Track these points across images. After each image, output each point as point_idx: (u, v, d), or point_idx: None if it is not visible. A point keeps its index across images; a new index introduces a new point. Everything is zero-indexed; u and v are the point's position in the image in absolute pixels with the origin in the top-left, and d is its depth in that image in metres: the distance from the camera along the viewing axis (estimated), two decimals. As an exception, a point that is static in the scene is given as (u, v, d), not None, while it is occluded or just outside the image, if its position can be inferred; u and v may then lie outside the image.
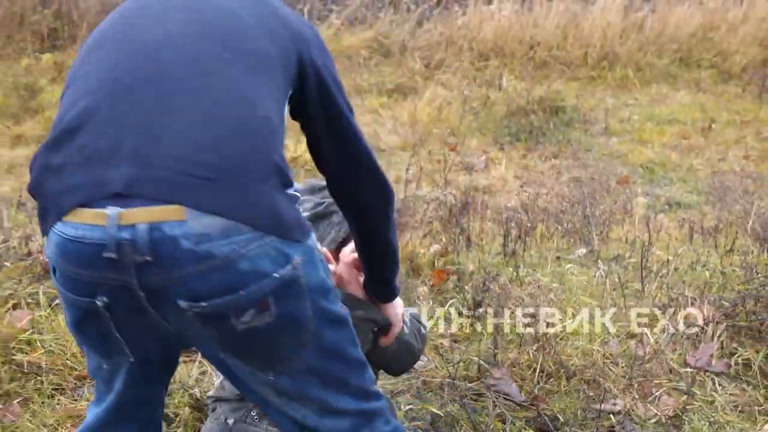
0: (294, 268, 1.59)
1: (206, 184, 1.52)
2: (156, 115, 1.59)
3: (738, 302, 3.43)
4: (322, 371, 1.73)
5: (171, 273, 1.54)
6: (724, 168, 5.88)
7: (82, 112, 1.64)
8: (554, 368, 3.12)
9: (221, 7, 1.80)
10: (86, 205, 1.54)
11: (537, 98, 6.82)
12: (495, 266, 3.88)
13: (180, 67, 1.67)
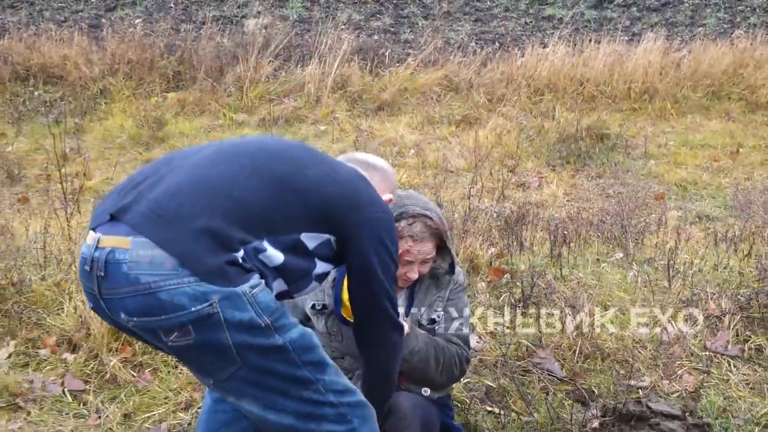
0: (211, 305, 1.66)
1: (161, 222, 1.69)
2: (165, 177, 1.80)
3: (752, 297, 3.45)
4: (254, 381, 1.78)
5: (114, 289, 1.69)
6: (749, 186, 5.81)
7: (136, 172, 1.91)
8: (591, 350, 3.18)
9: (289, 163, 1.94)
10: (92, 229, 1.77)
11: (585, 127, 6.81)
12: (543, 266, 3.93)
13: (205, 159, 1.87)
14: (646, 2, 12.35)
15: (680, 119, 7.50)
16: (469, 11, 11.72)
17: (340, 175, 1.98)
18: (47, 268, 3.64)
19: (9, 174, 5.86)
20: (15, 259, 3.67)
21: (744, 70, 8.15)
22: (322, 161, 2.01)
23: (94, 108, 7.47)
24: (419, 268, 2.41)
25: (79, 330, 3.19)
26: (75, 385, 2.98)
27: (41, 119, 7.10)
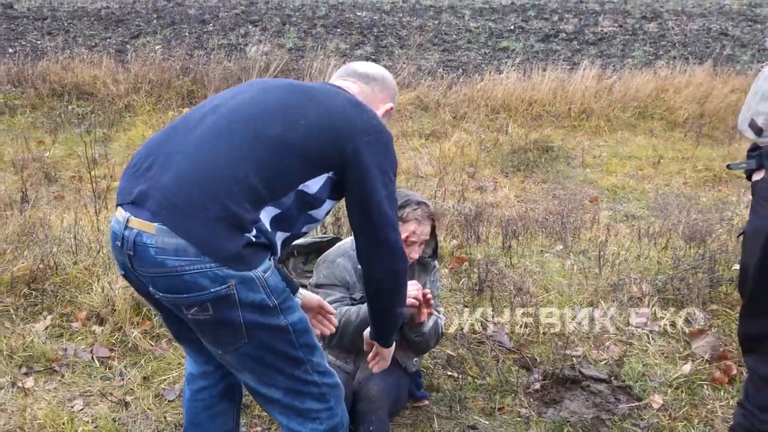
0: (228, 287, 1.63)
1: (176, 211, 1.62)
2: (171, 158, 1.70)
3: (667, 282, 3.49)
4: (257, 357, 1.74)
5: (143, 267, 1.67)
6: (668, 191, 5.86)
7: (143, 148, 1.81)
8: (534, 325, 3.22)
9: (283, 103, 1.80)
10: (120, 205, 1.73)
11: (533, 140, 6.82)
12: (496, 256, 3.94)
13: (203, 137, 1.72)
14: (585, 37, 12.46)
15: (612, 135, 7.55)
16: (438, 43, 11.77)
17: (332, 112, 1.80)
18: (79, 254, 3.62)
19: (47, 175, 5.80)
20: (51, 246, 3.66)
21: (665, 95, 8.20)
22: (313, 103, 1.81)
23: (120, 120, 7.42)
24: (418, 249, 2.43)
25: (105, 306, 3.18)
26: (102, 352, 2.98)
27: (74, 129, 7.05)
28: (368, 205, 1.78)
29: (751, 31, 13.42)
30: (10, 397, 2.70)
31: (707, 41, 12.29)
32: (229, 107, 1.80)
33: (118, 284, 3.22)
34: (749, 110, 1.90)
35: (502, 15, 15.06)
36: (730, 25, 14.24)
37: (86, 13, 14.31)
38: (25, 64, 8.38)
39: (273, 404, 1.81)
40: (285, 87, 1.89)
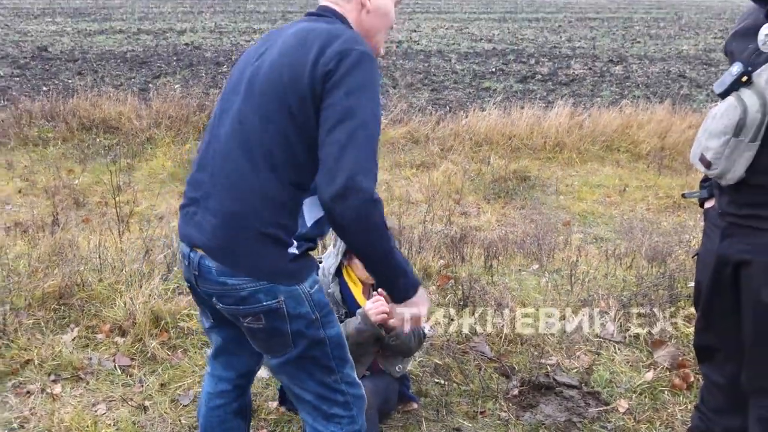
0: (278, 302, 1.65)
1: (225, 253, 1.65)
2: (209, 201, 1.68)
3: (632, 297, 3.50)
4: (297, 364, 1.74)
5: (207, 285, 1.70)
6: (633, 216, 5.89)
7: (187, 186, 1.79)
8: (513, 336, 3.22)
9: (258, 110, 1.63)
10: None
11: (512, 170, 6.84)
12: (478, 274, 3.96)
13: (228, 170, 1.65)
14: (558, 79, 12.57)
15: (583, 166, 7.57)
16: (427, 83, 11.85)
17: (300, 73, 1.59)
18: (103, 272, 3.62)
19: (76, 201, 5.81)
20: (79, 265, 3.66)
21: (629, 130, 8.22)
22: (299, 61, 1.58)
23: (142, 151, 7.43)
24: None
25: (127, 320, 3.18)
26: (123, 361, 2.98)
27: (101, 160, 7.06)
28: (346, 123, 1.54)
29: (706, 73, 13.56)
30: (40, 402, 2.69)
31: (667, 82, 12.41)
32: (233, 126, 1.67)
33: (139, 300, 3.22)
34: (699, 146, 1.93)
35: (485, 59, 15.20)
36: (687, 68, 14.39)
37: (113, 56, 14.40)
38: (57, 101, 8.41)
39: (303, 404, 1.82)
40: (278, 56, 1.65)
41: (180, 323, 3.18)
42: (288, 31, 1.72)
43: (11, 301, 3.31)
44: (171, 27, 21.13)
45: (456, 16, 29.00)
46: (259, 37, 1.83)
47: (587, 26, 25.25)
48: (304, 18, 1.78)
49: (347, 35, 1.62)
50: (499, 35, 20.77)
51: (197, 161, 1.79)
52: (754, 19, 1.90)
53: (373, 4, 1.76)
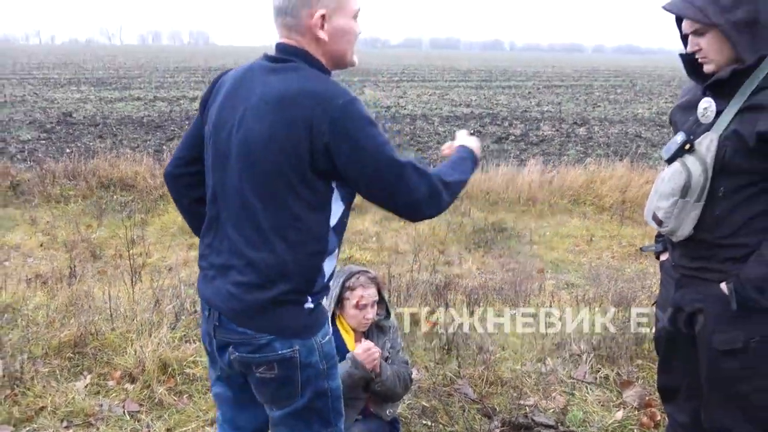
0: (293, 352, 1.58)
1: (243, 317, 1.58)
2: (224, 269, 1.60)
3: (601, 341, 3.45)
4: (299, 414, 1.65)
5: (227, 335, 1.62)
6: (600, 263, 5.89)
7: (206, 226, 1.67)
8: (494, 379, 3.16)
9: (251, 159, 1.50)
10: None
11: (490, 222, 6.87)
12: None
13: (237, 224, 1.56)
14: (530, 139, 12.75)
15: (553, 217, 7.61)
16: (413, 144, 11.99)
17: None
18: (116, 322, 3.55)
19: (93, 254, 5.76)
20: (93, 315, 3.59)
21: (594, 185, 8.31)
22: (292, 142, 1.46)
23: (155, 207, 7.42)
24: (371, 310, 2.41)
25: (137, 367, 3.10)
26: (132, 407, 2.88)
27: (117, 215, 7.03)
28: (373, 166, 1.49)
29: (659, 134, 13.82)
30: (52, 447, 2.60)
31: (625, 142, 12.61)
32: (241, 205, 1.56)
33: (149, 347, 3.15)
34: (651, 206, 1.95)
35: (464, 121, 15.43)
36: (643, 129, 14.66)
37: (131, 121, 14.52)
38: (79, 161, 8.43)
39: None
40: (261, 116, 1.51)
41: (186, 369, 3.10)
42: (257, 89, 1.52)
43: (29, 350, 3.22)
44: (184, 95, 21.40)
45: (438, 84, 29.58)
46: (227, 76, 1.64)
47: (554, 92, 25.78)
48: (266, 62, 1.57)
49: (324, 93, 1.46)
50: (476, 101, 21.15)
51: (211, 224, 1.66)
52: (693, 94, 1.95)
53: (330, 33, 1.54)
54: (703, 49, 1.81)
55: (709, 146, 1.80)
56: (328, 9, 1.52)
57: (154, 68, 39.51)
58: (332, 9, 1.52)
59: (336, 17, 1.53)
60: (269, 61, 1.57)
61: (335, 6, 1.53)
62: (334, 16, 1.53)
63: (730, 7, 1.71)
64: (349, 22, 1.56)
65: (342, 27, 1.55)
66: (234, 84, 1.59)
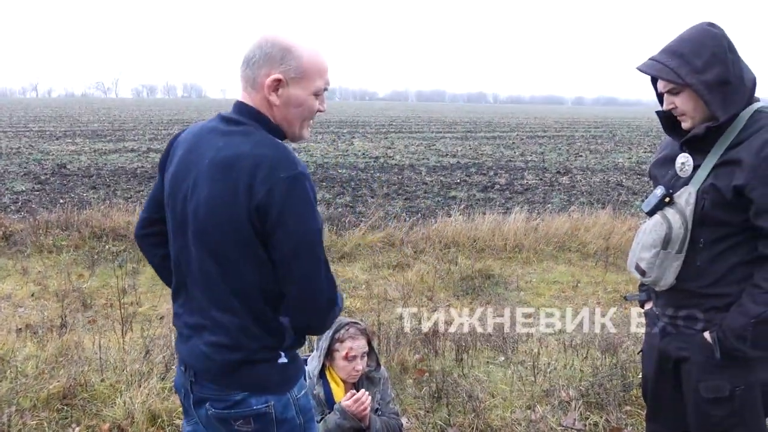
0: (268, 407, 1.56)
1: (216, 378, 1.57)
2: (193, 333, 1.61)
3: (589, 387, 3.43)
4: None
5: (203, 390, 1.60)
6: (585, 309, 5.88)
7: (175, 288, 1.68)
8: (484, 427, 3.11)
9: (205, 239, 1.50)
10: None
11: (477, 269, 6.83)
12: (451, 367, 3.86)
13: (201, 288, 1.56)
14: (514, 188, 12.90)
15: (539, 264, 7.62)
16: (401, 193, 12.08)
17: None
18: (105, 372, 3.48)
19: (84, 303, 5.67)
20: (83, 365, 3.53)
21: (578, 232, 8.37)
22: (234, 209, 1.45)
23: (147, 257, 7.35)
24: (361, 362, 2.39)
25: (126, 418, 3.03)
26: (120, 459, 2.81)
27: (109, 265, 6.95)
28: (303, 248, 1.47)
29: (639, 182, 14.05)
30: (38, 502, 2.51)
31: (607, 190, 12.79)
32: (202, 273, 1.55)
33: (138, 399, 3.09)
34: (634, 257, 1.98)
35: (450, 171, 15.61)
36: (623, 178, 14.90)
37: (125, 172, 14.55)
38: (72, 212, 8.39)
39: None
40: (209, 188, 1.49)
41: (176, 420, 3.02)
42: (207, 154, 1.49)
43: (18, 402, 3.15)
44: (177, 146, 21.48)
45: (425, 135, 30.03)
46: (181, 138, 1.63)
47: (537, 143, 26.24)
48: (219, 124, 1.55)
49: (271, 160, 1.42)
50: (462, 151, 21.45)
51: (179, 288, 1.66)
52: (671, 149, 2.01)
53: (281, 99, 1.51)
54: (678, 107, 1.88)
55: (688, 199, 1.85)
56: (286, 76, 1.49)
57: (148, 121, 39.86)
58: (291, 77, 1.49)
59: (293, 86, 1.50)
60: (223, 122, 1.55)
61: (296, 76, 1.49)
62: (291, 84, 1.50)
63: (702, 68, 1.78)
64: (305, 96, 1.52)
65: (296, 97, 1.51)
66: (187, 148, 1.58)
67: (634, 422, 3.17)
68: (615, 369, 3.63)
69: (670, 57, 1.82)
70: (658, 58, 1.84)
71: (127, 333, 4.38)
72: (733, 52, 1.80)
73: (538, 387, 3.54)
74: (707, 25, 1.83)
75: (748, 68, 1.85)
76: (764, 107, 1.84)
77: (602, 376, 3.54)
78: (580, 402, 3.28)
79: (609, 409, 3.22)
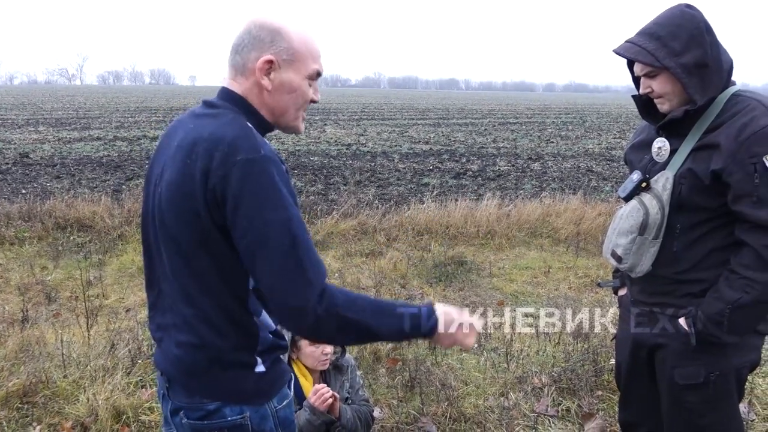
0: (243, 419, 1.46)
1: (187, 382, 1.47)
2: (165, 334, 1.51)
3: (562, 373, 3.44)
4: None
5: (177, 398, 1.50)
6: (557, 294, 5.91)
7: (146, 284, 1.57)
8: (457, 415, 3.09)
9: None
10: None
11: (450, 256, 6.83)
12: (424, 356, 3.82)
13: (167, 279, 1.45)
14: (487, 174, 12.93)
15: (511, 250, 7.64)
16: (374, 180, 12.01)
17: None
18: (68, 368, 3.36)
19: (47, 296, 5.49)
20: (45, 362, 3.40)
21: (549, 218, 8.40)
22: (191, 193, 1.35)
23: (114, 248, 7.16)
24: (329, 345, 2.34)
25: (90, 416, 2.92)
26: (84, 458, 2.71)
27: (74, 256, 6.76)
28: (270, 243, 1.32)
29: (609, 168, 14.21)
30: (-4, 506, 2.40)
31: (578, 176, 12.91)
32: (169, 265, 1.44)
33: (102, 395, 2.98)
34: (610, 243, 1.95)
35: (423, 158, 15.58)
36: (593, 163, 15.05)
37: (90, 161, 14.16)
38: (35, 203, 8.13)
39: None
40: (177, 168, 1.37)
41: (141, 417, 2.93)
42: (177, 137, 1.41)
43: (-26, 402, 3.02)
44: (145, 134, 21.06)
45: (397, 122, 29.94)
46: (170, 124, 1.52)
47: (509, 129, 26.37)
48: (199, 107, 1.47)
49: (231, 142, 1.30)
50: (434, 138, 21.44)
51: (150, 282, 1.55)
52: (647, 134, 1.97)
53: (274, 83, 1.41)
54: (656, 90, 1.84)
55: (665, 184, 1.81)
56: (278, 58, 1.40)
57: (114, 108, 38.92)
58: (284, 60, 1.41)
59: (286, 70, 1.41)
60: (202, 106, 1.46)
61: (288, 58, 1.41)
62: (284, 67, 1.41)
63: (680, 51, 1.74)
64: (299, 80, 1.43)
65: (289, 82, 1.42)
66: (165, 132, 1.50)
67: (605, 407, 3.18)
68: (587, 354, 3.64)
69: (647, 39, 1.78)
70: (635, 41, 1.80)
71: (92, 326, 4.25)
72: (711, 34, 1.76)
73: (511, 374, 3.53)
74: (685, 6, 1.79)
75: (726, 51, 1.81)
76: (742, 90, 1.81)
77: (574, 361, 3.55)
78: (552, 388, 3.28)
79: (581, 395, 3.23)
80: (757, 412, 3.10)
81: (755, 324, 1.80)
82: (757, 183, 1.68)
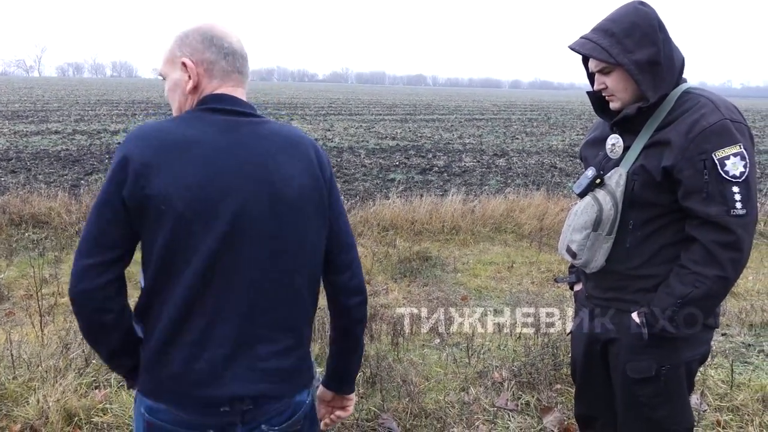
0: (311, 398, 1.55)
1: (281, 386, 1.44)
2: (255, 342, 1.43)
3: (521, 368, 3.46)
4: None
5: (261, 414, 1.45)
6: (520, 289, 5.97)
7: (203, 326, 1.44)
8: (418, 411, 3.09)
9: None
10: None
11: (415, 252, 6.83)
12: (386, 351, 3.82)
13: (271, 307, 1.44)
14: (452, 170, 12.99)
15: (476, 246, 7.69)
16: (340, 175, 11.94)
17: None
18: (18, 369, 3.24)
19: (0, 295, 5.30)
20: (-7, 363, 3.27)
21: (513, 213, 8.49)
22: (315, 178, 1.49)
23: (71, 244, 6.94)
24: None
25: (40, 418, 2.82)
26: (33, 463, 2.62)
27: (29, 254, 6.55)
28: None
29: (572, 164, 14.44)
30: None
31: (542, 172, 13.08)
32: (266, 265, 1.41)
33: (53, 397, 2.88)
34: (565, 239, 1.96)
35: (390, 154, 15.57)
36: (557, 160, 15.28)
37: (48, 155, 13.74)
38: (-13, 198, 7.85)
39: None
40: None
41: (94, 418, 2.85)
42: (254, 149, 1.37)
43: None
44: (105, 128, 20.54)
45: (364, 117, 29.87)
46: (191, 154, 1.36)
47: (475, 125, 26.57)
48: (229, 116, 1.39)
49: (307, 138, 1.49)
50: (401, 133, 21.45)
51: (196, 316, 1.36)
52: (601, 131, 1.99)
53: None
54: (609, 87, 1.85)
55: (618, 181, 1.83)
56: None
57: (74, 101, 37.86)
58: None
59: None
60: (236, 114, 1.41)
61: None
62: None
63: (633, 48, 1.76)
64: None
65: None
66: (204, 161, 1.34)
67: (564, 400, 3.22)
68: (546, 348, 3.67)
69: (601, 36, 1.79)
70: (590, 37, 1.81)
71: (47, 326, 4.11)
72: (663, 31, 1.78)
73: (472, 369, 3.55)
74: (638, 4, 1.80)
75: (677, 48, 1.84)
76: (692, 88, 1.83)
77: (534, 355, 3.58)
78: (512, 382, 3.30)
79: (540, 389, 3.26)
80: (709, 403, 3.17)
81: (705, 318, 1.83)
82: (706, 179, 1.71)
